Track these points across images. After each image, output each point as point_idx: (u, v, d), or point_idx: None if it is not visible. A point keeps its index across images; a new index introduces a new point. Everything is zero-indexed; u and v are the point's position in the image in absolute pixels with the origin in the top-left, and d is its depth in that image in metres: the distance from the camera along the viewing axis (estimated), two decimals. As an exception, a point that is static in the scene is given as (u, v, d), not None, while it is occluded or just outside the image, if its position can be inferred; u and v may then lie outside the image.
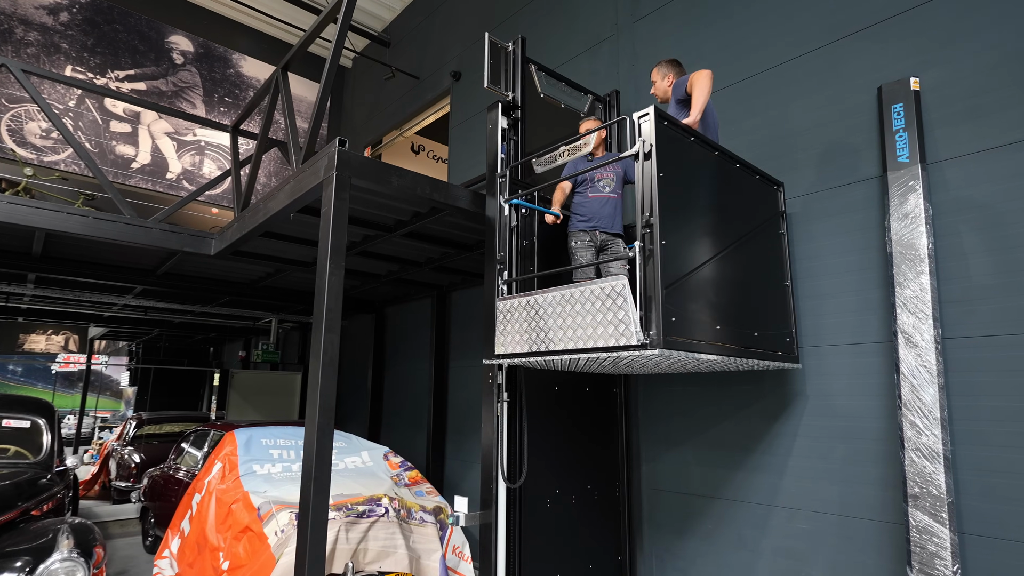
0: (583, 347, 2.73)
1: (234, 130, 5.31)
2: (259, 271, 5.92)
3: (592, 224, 3.69)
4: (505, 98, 3.87)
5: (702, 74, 3.13)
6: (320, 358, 2.96)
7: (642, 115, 2.71)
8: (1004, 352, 2.92)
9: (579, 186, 3.77)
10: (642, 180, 2.66)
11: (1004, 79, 3.07)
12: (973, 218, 3.08)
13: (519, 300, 3.12)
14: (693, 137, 2.96)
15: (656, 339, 2.49)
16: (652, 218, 2.57)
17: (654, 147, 2.64)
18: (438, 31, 8.00)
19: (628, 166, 3.92)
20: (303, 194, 3.51)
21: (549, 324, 2.91)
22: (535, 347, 2.97)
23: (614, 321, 2.60)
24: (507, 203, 3.48)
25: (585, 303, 2.74)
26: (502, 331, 3.21)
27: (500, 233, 3.44)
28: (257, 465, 5.09)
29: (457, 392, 6.45)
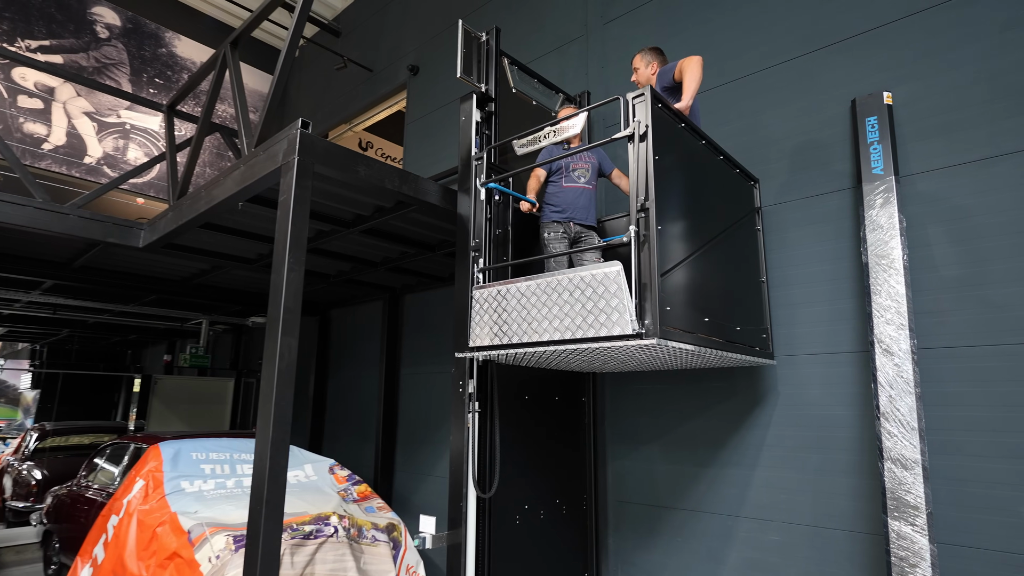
0: (571, 337, 2.56)
1: (170, 110, 4.79)
2: (193, 267, 5.38)
3: (566, 215, 3.56)
4: (478, 89, 3.66)
5: (693, 60, 3.05)
6: (275, 364, 2.62)
7: (637, 96, 2.60)
8: (975, 363, 2.97)
9: (553, 175, 3.63)
10: (636, 163, 2.54)
11: (973, 98, 3.15)
12: (945, 231, 3.14)
13: (498, 289, 2.91)
14: (683, 123, 2.88)
15: (652, 329, 2.36)
16: (648, 202, 2.46)
17: (650, 128, 2.53)
18: (394, 22, 7.68)
19: (603, 158, 3.86)
20: (256, 181, 3.15)
21: (533, 314, 2.72)
22: (515, 338, 2.77)
23: (606, 309, 2.45)
24: (483, 187, 3.28)
25: (575, 291, 2.57)
26: (478, 322, 2.99)
27: (476, 219, 3.23)
28: (186, 482, 4.58)
29: (408, 401, 6.12)
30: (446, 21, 6.81)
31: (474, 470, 3.12)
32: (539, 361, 3.18)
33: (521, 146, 3.15)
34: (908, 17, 3.43)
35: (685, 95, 2.98)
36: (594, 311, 2.50)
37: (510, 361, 3.24)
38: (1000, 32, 3.12)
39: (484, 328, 2.96)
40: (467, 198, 3.44)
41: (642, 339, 2.36)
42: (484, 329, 2.96)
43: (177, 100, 4.82)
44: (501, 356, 3.06)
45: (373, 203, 3.78)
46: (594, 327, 2.49)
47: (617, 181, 3.90)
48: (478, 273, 3.18)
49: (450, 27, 6.74)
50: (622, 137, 2.62)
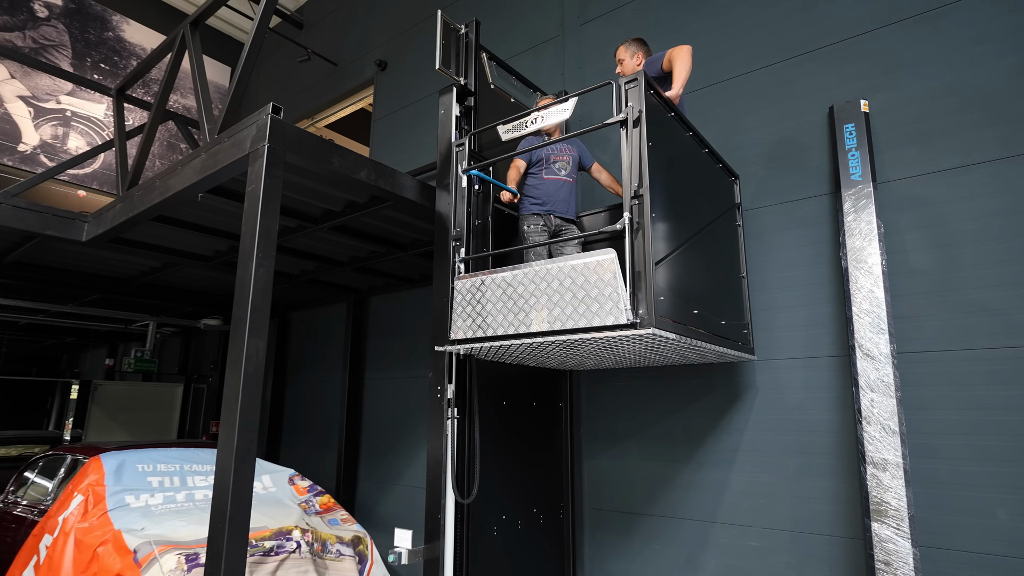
0: (561, 328, 2.47)
1: (119, 94, 4.44)
2: (143, 264, 5.01)
3: (547, 208, 3.49)
4: (457, 83, 3.52)
5: (683, 49, 3.02)
6: (241, 368, 2.40)
7: (630, 81, 2.55)
8: (950, 367, 3.02)
9: (533, 167, 3.55)
10: (630, 149, 2.48)
11: (947, 108, 3.23)
12: (921, 237, 3.19)
13: (482, 279, 2.79)
14: (672, 112, 2.83)
15: (647, 318, 2.28)
16: (641, 189, 2.40)
17: (644, 114, 2.48)
18: (361, 16, 7.45)
19: (583, 151, 3.81)
20: (219, 169, 2.92)
21: (520, 304, 2.61)
22: (500, 330, 2.66)
23: (599, 299, 2.37)
24: (465, 173, 3.16)
25: (565, 279, 2.48)
26: (460, 314, 2.85)
27: (456, 207, 3.11)
28: (131, 496, 4.24)
29: (373, 407, 5.88)
30: (417, 16, 6.64)
31: (453, 478, 2.96)
32: (521, 356, 3.07)
33: (507, 131, 3.03)
34: (883, 28, 3.50)
35: (676, 83, 2.94)
36: (586, 300, 2.41)
37: (491, 356, 3.14)
38: (971, 45, 3.21)
39: (467, 320, 2.83)
40: (446, 194, 3.29)
41: (636, 329, 2.29)
42: (467, 321, 2.83)
43: (128, 84, 4.47)
44: (483, 350, 2.94)
45: (345, 198, 3.58)
46: (586, 317, 2.40)
47: (597, 175, 3.87)
48: (459, 263, 3.05)
49: (421, 23, 6.58)
50: (615, 122, 2.56)
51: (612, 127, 2.60)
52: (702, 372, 3.80)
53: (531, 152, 3.54)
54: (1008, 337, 2.89)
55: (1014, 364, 2.87)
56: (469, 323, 2.81)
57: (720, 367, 3.73)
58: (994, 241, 3.00)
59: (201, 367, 8.01)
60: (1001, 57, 3.11)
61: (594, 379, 4.27)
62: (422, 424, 5.39)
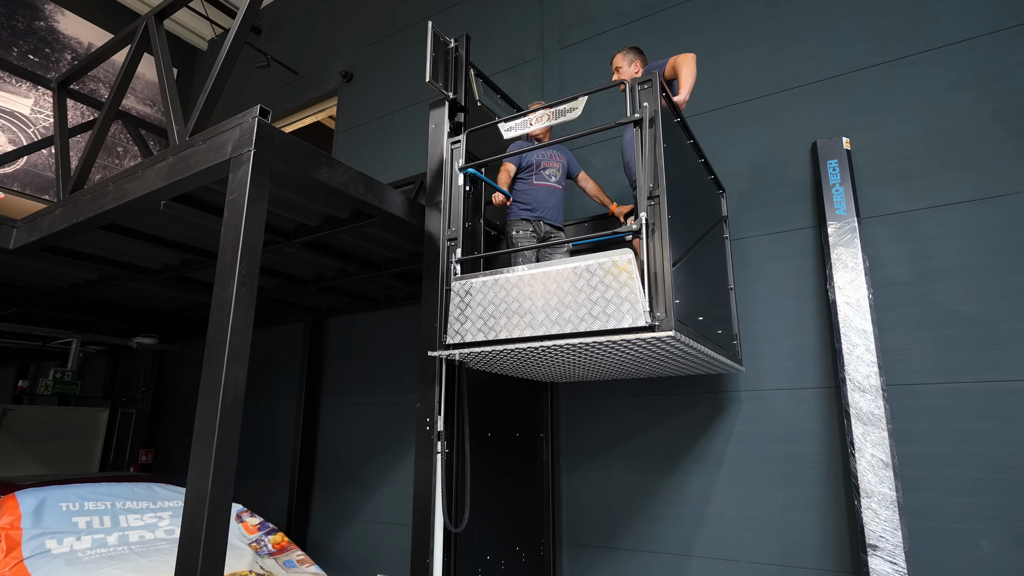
0: (574, 331, 2.36)
1: (61, 87, 4.00)
2: (77, 276, 4.49)
3: (537, 214, 3.47)
4: (446, 96, 3.39)
5: (688, 57, 3.04)
6: (218, 400, 2.12)
7: (644, 81, 2.55)
8: (932, 400, 3.09)
9: (522, 172, 3.54)
10: (643, 150, 2.46)
11: (924, 149, 3.37)
12: (902, 273, 3.29)
13: (483, 280, 2.67)
14: (678, 119, 2.84)
15: (666, 321, 2.22)
16: (657, 190, 2.37)
17: (659, 114, 2.46)
18: (326, 25, 7.19)
19: (571, 160, 3.82)
20: (191, 175, 2.62)
21: (526, 306, 2.50)
22: (503, 334, 2.53)
23: (615, 300, 2.28)
24: (461, 171, 3.07)
25: (579, 280, 2.40)
26: (458, 316, 2.70)
27: (452, 206, 3.03)
28: (53, 541, 3.72)
29: (330, 435, 5.51)
30: (387, 29, 6.46)
31: (444, 511, 2.75)
32: (517, 363, 2.94)
33: (508, 129, 2.94)
34: (862, 70, 3.64)
35: (683, 89, 2.96)
36: (600, 302, 2.32)
37: (483, 364, 3.00)
38: (946, 92, 3.38)
39: (465, 323, 2.68)
40: (436, 213, 3.13)
41: (655, 332, 2.22)
42: (465, 324, 2.68)
43: (71, 77, 4.04)
44: (476, 356, 2.80)
45: (325, 212, 3.33)
46: (600, 319, 2.31)
47: (583, 184, 3.88)
48: (456, 264, 2.92)
49: (389, 37, 6.40)
50: (628, 122, 2.54)
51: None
52: (686, 403, 3.75)
53: (522, 156, 3.51)
54: (987, 371, 2.99)
55: (993, 398, 2.97)
56: (468, 326, 2.67)
57: (705, 395, 3.70)
58: (971, 279, 3.12)
59: (130, 390, 7.30)
60: (974, 104, 3.29)
61: (574, 407, 4.14)
62: (384, 453, 5.07)
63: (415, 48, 6.12)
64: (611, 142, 4.39)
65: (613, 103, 4.40)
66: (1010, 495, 2.86)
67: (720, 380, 3.68)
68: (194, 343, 7.00)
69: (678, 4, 4.46)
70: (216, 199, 3.09)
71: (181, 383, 7.04)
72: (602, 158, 4.42)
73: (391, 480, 4.97)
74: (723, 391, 3.65)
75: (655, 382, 3.88)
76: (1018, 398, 2.91)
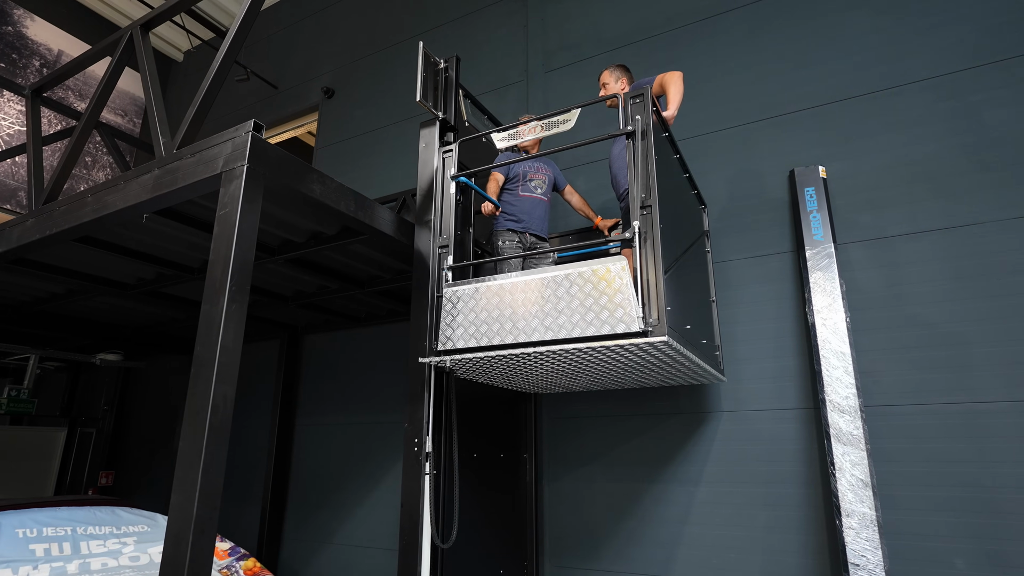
0: (567, 337, 2.41)
1: (35, 95, 3.88)
2: (43, 290, 4.31)
3: (523, 225, 3.54)
4: (436, 116, 3.42)
5: (675, 74, 3.15)
6: (206, 420, 2.05)
7: (635, 96, 2.65)
8: (907, 420, 3.19)
9: (509, 182, 3.62)
10: (635, 160, 2.55)
11: (896, 179, 3.53)
12: (877, 297, 3.41)
13: (476, 286, 2.70)
14: (666, 133, 2.93)
15: (658, 327, 2.27)
16: (650, 200, 2.45)
17: (651, 127, 2.56)
18: (307, 40, 7.17)
19: (557, 174, 3.92)
20: (179, 188, 2.56)
21: (520, 312, 2.54)
22: (496, 339, 2.56)
23: (608, 306, 2.34)
24: (453, 180, 3.12)
25: (571, 287, 2.45)
26: (449, 323, 2.73)
27: (444, 213, 3.10)
28: (8, 570, 3.53)
29: (305, 456, 5.36)
30: (370, 48, 6.48)
31: (432, 527, 2.71)
32: (505, 370, 2.95)
33: (502, 139, 3.02)
34: (836, 103, 3.80)
35: (671, 105, 3.07)
36: (594, 308, 2.38)
37: (472, 373, 3.01)
38: (915, 126, 3.55)
39: (457, 329, 2.70)
40: (425, 231, 3.12)
41: (648, 337, 2.27)
42: (457, 331, 2.70)
43: (46, 84, 3.92)
44: (465, 363, 2.81)
45: (312, 228, 3.29)
46: (594, 325, 2.36)
47: (569, 197, 3.97)
48: (447, 271, 2.94)
49: (371, 55, 6.42)
50: (621, 134, 2.63)
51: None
52: (669, 425, 3.78)
53: (509, 167, 3.60)
54: (959, 393, 3.11)
55: (964, 419, 3.08)
56: (460, 332, 2.68)
57: (687, 416, 3.74)
58: (942, 303, 3.25)
59: (91, 408, 6.99)
60: (941, 138, 3.47)
61: (557, 429, 4.13)
62: (360, 475, 4.96)
63: (398, 67, 6.15)
64: (595, 164, 4.47)
65: (598, 125, 4.48)
66: (982, 514, 2.96)
67: (702, 401, 3.73)
68: (161, 360, 6.76)
69: (660, 33, 4.61)
70: (200, 213, 3.03)
71: (145, 402, 6.78)
72: (586, 180, 4.49)
73: (368, 502, 4.85)
74: (705, 412, 3.70)
75: (639, 402, 3.91)
76: (987, 419, 3.03)
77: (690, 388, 3.78)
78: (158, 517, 4.55)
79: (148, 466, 6.41)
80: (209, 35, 7.99)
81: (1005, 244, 3.19)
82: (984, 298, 3.16)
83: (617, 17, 4.89)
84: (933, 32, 3.64)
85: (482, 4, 5.74)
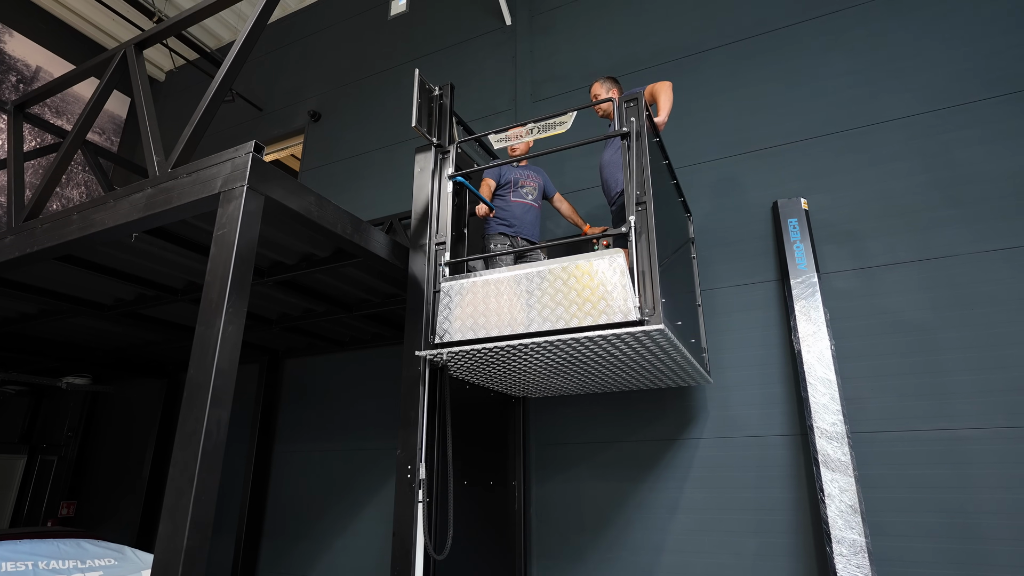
0: (565, 327, 2.49)
1: (18, 111, 3.79)
2: (13, 310, 4.14)
3: (515, 230, 3.64)
4: (431, 142, 3.46)
5: (665, 84, 3.30)
6: (199, 445, 1.98)
7: (629, 99, 2.77)
8: (891, 447, 3.26)
9: (501, 188, 3.73)
10: (632, 160, 2.66)
11: (873, 212, 3.67)
12: (860, 325, 3.50)
13: (472, 280, 2.78)
14: (657, 138, 3.02)
15: (654, 316, 2.37)
16: (645, 196, 2.57)
17: (644, 128, 2.68)
18: (294, 64, 7.20)
19: (547, 181, 4.02)
20: (173, 208, 2.52)
21: (519, 304, 2.60)
22: (494, 331, 2.63)
23: (606, 297, 2.45)
24: (451, 179, 3.22)
25: (569, 279, 2.55)
26: (447, 316, 2.79)
27: (441, 211, 3.19)
28: (-37, 609, 3.30)
29: (282, 484, 5.20)
30: (358, 72, 6.54)
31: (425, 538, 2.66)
32: (501, 365, 2.99)
33: (499, 140, 3.14)
34: (814, 139, 3.96)
35: (662, 111, 3.20)
36: (591, 299, 2.47)
37: (466, 370, 3.05)
38: (890, 162, 3.72)
39: (455, 322, 2.76)
40: (420, 255, 3.13)
41: (643, 325, 2.36)
42: (455, 323, 2.76)
43: (30, 100, 3.84)
44: (464, 359, 2.87)
45: (304, 250, 3.25)
46: (592, 315, 2.45)
47: (558, 205, 4.08)
48: (444, 267, 3.01)
49: (358, 81, 6.47)
50: (617, 135, 2.75)
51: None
52: (656, 448, 3.79)
53: (501, 174, 3.71)
54: (940, 420, 3.20)
55: (946, 445, 3.16)
56: (458, 325, 2.75)
57: (676, 441, 3.75)
58: (919, 332, 3.36)
59: (53, 435, 6.68)
60: (915, 174, 3.63)
61: (546, 457, 4.11)
62: (340, 504, 4.83)
63: (386, 93, 6.21)
64: (582, 192, 4.54)
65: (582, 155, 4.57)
66: (964, 539, 3.01)
67: (691, 427, 3.75)
68: (130, 385, 6.53)
69: (646, 68, 4.76)
70: (191, 233, 2.98)
71: (112, 428, 6.51)
72: (574, 207, 4.56)
73: (348, 532, 4.71)
74: (694, 438, 3.72)
75: (627, 429, 3.91)
76: (967, 445, 3.11)
77: (678, 417, 3.80)
78: (125, 550, 4.33)
79: (113, 496, 6.12)
80: (192, 55, 7.96)
81: (978, 276, 3.33)
82: (960, 328, 3.28)
83: (604, 51, 5.04)
84: (904, 75, 3.84)
85: (471, 34, 5.86)
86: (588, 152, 4.53)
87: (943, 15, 3.86)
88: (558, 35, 5.35)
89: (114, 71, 3.32)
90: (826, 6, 4.22)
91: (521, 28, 5.55)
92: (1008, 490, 2.98)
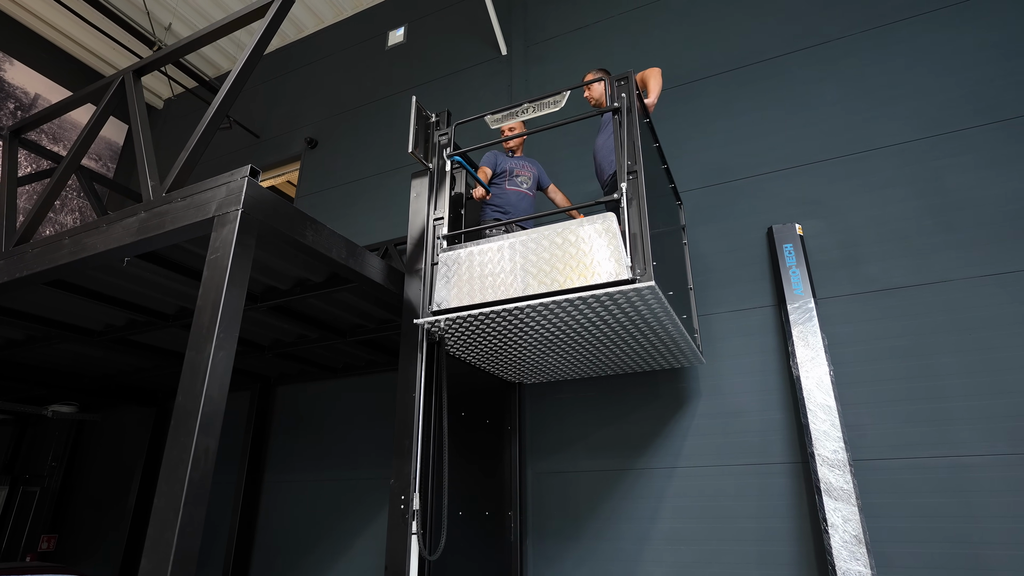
0: (560, 289, 2.58)
1: (14, 136, 3.79)
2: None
3: (509, 217, 3.69)
4: (428, 167, 3.47)
5: (655, 70, 3.42)
6: (185, 475, 1.92)
7: (621, 78, 2.86)
8: (894, 474, 3.21)
9: (496, 177, 3.81)
10: (624, 133, 2.75)
11: (867, 238, 3.68)
12: (858, 351, 3.48)
13: (469, 249, 2.88)
14: (647, 119, 3.08)
15: (645, 274, 2.45)
16: (636, 165, 2.66)
17: (635, 104, 2.77)
18: (292, 92, 7.27)
19: (541, 172, 4.10)
20: (166, 232, 2.50)
21: (516, 269, 2.70)
22: (490, 297, 2.72)
23: (599, 259, 2.54)
24: (449, 158, 3.33)
25: (564, 243, 2.64)
26: (444, 284, 2.90)
27: (439, 189, 3.30)
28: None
29: (272, 515, 5.06)
30: (355, 101, 6.61)
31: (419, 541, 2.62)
32: (498, 336, 3.04)
33: (495, 120, 3.22)
34: (808, 165, 4.00)
35: (651, 93, 3.30)
36: (584, 261, 2.56)
37: (464, 341, 3.10)
38: (882, 188, 3.75)
39: (452, 291, 2.84)
40: (415, 280, 3.10)
41: (635, 284, 2.44)
42: (452, 292, 2.84)
43: (26, 126, 3.84)
44: (460, 329, 2.94)
45: (299, 275, 3.22)
46: (584, 276, 2.54)
47: (552, 195, 4.17)
48: (442, 239, 3.11)
49: (355, 109, 6.54)
50: (609, 110, 2.85)
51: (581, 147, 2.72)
52: (654, 476, 3.72)
53: (496, 163, 3.81)
54: (942, 446, 3.15)
55: (949, 472, 3.11)
56: (455, 292, 2.83)
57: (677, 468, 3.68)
58: (917, 357, 3.34)
59: (37, 465, 6.51)
60: (907, 200, 3.66)
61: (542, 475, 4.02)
62: (332, 535, 4.69)
63: (381, 121, 6.27)
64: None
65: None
66: (969, 570, 2.94)
67: (688, 457, 3.69)
68: (118, 413, 6.40)
69: (640, 97, 4.82)
70: (184, 257, 2.95)
71: (98, 458, 6.36)
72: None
73: (340, 566, 4.57)
74: (694, 465, 3.66)
75: (621, 459, 3.84)
76: (971, 472, 3.06)
77: (673, 445, 3.74)
78: (107, 586, 4.18)
79: (97, 529, 5.94)
80: (191, 83, 8.04)
81: (974, 301, 3.32)
82: (958, 353, 3.27)
83: (598, 80, 5.11)
84: (894, 103, 3.91)
85: (467, 64, 5.95)
86: (582, 145, 4.56)
87: (932, 45, 3.94)
88: (552, 65, 5.44)
89: (112, 97, 3.34)
90: (817, 36, 4.31)
91: (516, 58, 5.63)
92: (1015, 519, 2.92)
